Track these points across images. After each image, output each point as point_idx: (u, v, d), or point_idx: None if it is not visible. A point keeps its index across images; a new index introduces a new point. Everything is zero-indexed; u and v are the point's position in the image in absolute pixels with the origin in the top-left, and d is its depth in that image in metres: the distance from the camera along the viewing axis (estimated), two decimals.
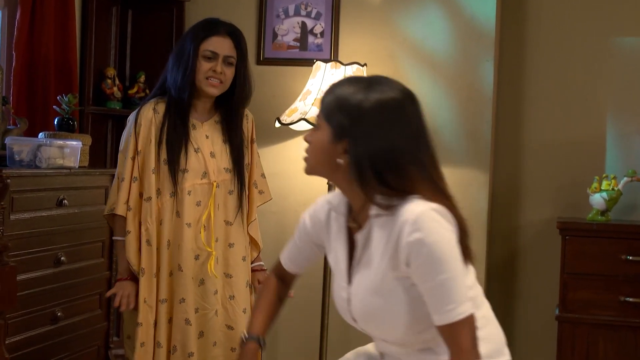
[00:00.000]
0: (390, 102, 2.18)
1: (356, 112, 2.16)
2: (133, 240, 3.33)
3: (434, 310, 2.11)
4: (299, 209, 5.10)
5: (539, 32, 5.23)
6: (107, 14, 5.08)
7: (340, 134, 2.18)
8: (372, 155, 2.14)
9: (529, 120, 5.25)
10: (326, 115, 2.21)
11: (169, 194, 3.33)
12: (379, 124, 2.16)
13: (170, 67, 3.42)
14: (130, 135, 3.34)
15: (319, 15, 5.07)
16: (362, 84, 2.20)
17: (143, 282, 3.33)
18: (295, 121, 4.63)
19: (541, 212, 5.22)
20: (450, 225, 2.14)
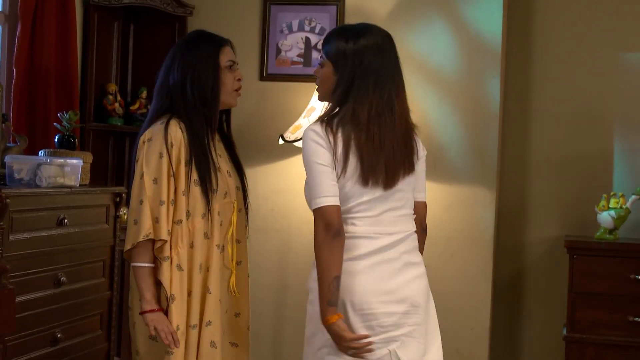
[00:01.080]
0: (371, 45, 2.91)
1: (349, 52, 2.87)
2: (169, 266, 3.18)
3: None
4: (303, 227, 5.03)
5: (545, 48, 5.18)
6: (109, 29, 5.02)
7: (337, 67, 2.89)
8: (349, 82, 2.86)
9: (535, 136, 5.20)
10: (327, 54, 2.92)
11: (200, 215, 3.19)
12: (363, 60, 2.87)
13: (184, 83, 3.19)
14: (163, 156, 3.12)
15: (323, 30, 5.01)
16: (352, 32, 2.93)
17: (174, 308, 3.13)
18: (300, 138, 4.56)
19: (548, 230, 5.15)
20: (319, 139, 2.83)
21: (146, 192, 3.09)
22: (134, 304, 3.21)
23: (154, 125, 3.18)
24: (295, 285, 5.04)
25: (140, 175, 3.12)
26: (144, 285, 3.12)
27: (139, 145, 3.18)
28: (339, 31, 3.02)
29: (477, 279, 4.78)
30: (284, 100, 5.06)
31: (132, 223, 3.11)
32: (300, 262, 5.04)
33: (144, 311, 3.11)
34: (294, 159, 5.02)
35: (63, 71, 4.45)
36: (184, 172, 3.15)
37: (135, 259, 3.13)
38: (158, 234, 3.10)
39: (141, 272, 3.13)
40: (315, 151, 2.83)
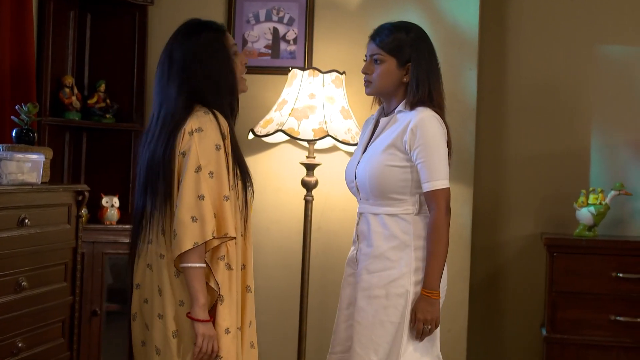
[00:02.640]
0: (428, 39, 3.28)
1: (413, 46, 3.20)
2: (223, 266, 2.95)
3: (422, 180, 3.11)
4: (271, 227, 4.82)
5: (520, 39, 5.04)
6: (65, 18, 4.73)
7: (404, 62, 3.19)
8: (429, 74, 3.20)
9: (510, 131, 5.06)
10: (389, 51, 3.19)
11: (240, 212, 2.98)
12: (429, 54, 3.23)
13: (207, 73, 2.94)
14: (220, 148, 2.88)
15: (292, 20, 4.79)
16: (403, 29, 3.25)
17: (222, 310, 2.89)
18: (272, 132, 4.36)
19: (524, 227, 5.03)
20: (444, 128, 3.17)
21: (206, 187, 2.83)
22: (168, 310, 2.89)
23: (196, 115, 2.89)
24: (263, 288, 4.81)
25: (196, 168, 2.83)
26: (199, 288, 2.83)
27: (182, 137, 2.87)
28: (392, 28, 3.24)
29: (454, 278, 4.60)
30: (252, 94, 4.78)
31: (189, 221, 2.80)
32: (270, 263, 4.82)
33: (198, 319, 2.84)
34: (262, 155, 4.80)
35: (18, 62, 4.17)
36: (232, 166, 2.93)
37: (191, 259, 2.82)
38: (224, 231, 2.85)
39: (197, 274, 2.83)
40: (443, 135, 3.14)
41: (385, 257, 3.16)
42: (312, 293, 4.63)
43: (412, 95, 3.18)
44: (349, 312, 3.30)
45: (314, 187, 4.48)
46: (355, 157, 3.34)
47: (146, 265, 2.97)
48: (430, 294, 3.10)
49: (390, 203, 3.17)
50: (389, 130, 3.21)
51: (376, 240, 3.19)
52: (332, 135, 4.30)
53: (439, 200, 3.09)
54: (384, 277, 3.14)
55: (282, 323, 4.77)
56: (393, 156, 3.15)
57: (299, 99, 4.39)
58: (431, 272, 3.10)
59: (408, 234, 3.15)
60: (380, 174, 3.15)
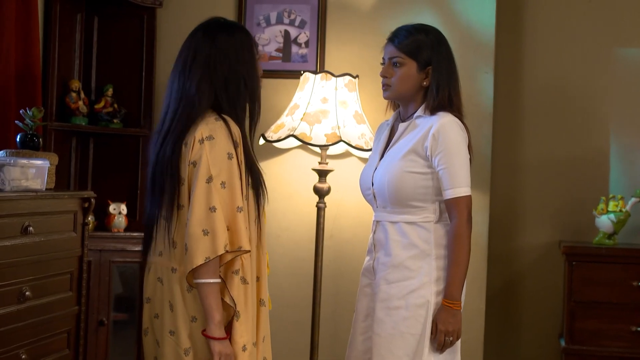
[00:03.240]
0: (446, 41, 3.16)
1: (434, 48, 3.10)
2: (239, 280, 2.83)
3: (443, 187, 3.01)
4: (282, 234, 4.71)
5: (537, 42, 4.94)
6: (71, 21, 4.63)
7: (425, 65, 3.09)
8: (449, 78, 3.10)
9: (527, 135, 4.96)
10: (409, 53, 3.09)
11: (253, 221, 2.85)
12: (448, 57, 3.14)
13: (234, 77, 2.82)
14: (233, 157, 2.74)
15: (304, 23, 4.68)
16: (422, 31, 3.14)
17: (238, 326, 2.77)
18: (283, 138, 4.25)
19: (541, 234, 4.92)
20: (465, 134, 3.06)
21: (218, 198, 2.70)
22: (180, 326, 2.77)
23: (206, 122, 2.76)
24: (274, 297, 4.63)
25: (207, 178, 2.70)
26: (214, 304, 2.70)
27: (192, 145, 2.74)
28: (412, 30, 3.15)
29: (470, 287, 4.44)
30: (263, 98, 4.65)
31: (200, 234, 2.67)
32: (281, 272, 4.71)
33: (214, 337, 2.71)
34: (274, 160, 4.69)
35: (24, 66, 4.07)
36: (244, 174, 2.80)
37: (204, 274, 2.69)
38: (238, 244, 2.72)
39: (212, 290, 2.70)
40: (464, 141, 3.05)
41: (405, 267, 3.06)
42: (325, 302, 4.52)
43: (432, 100, 3.08)
44: (366, 324, 3.19)
45: (326, 193, 4.37)
46: (372, 164, 3.23)
47: (156, 278, 2.85)
48: (452, 305, 3.01)
49: (410, 211, 3.07)
50: (409, 135, 3.11)
51: (395, 249, 3.08)
52: (346, 140, 4.18)
53: (461, 208, 3.00)
54: (403, 287, 3.04)
55: (294, 333, 4.66)
56: (413, 162, 3.05)
57: (311, 104, 4.28)
58: (453, 281, 3.01)
59: (428, 242, 3.05)
60: (399, 180, 3.05)
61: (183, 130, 2.79)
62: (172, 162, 2.78)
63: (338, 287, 4.63)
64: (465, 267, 3.02)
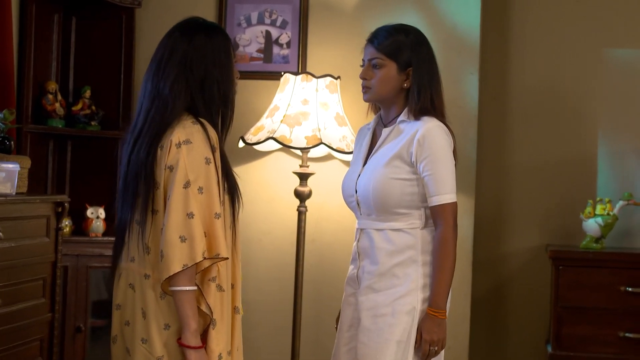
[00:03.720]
0: (427, 42, 3.08)
1: (414, 49, 3.00)
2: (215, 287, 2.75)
3: (428, 193, 2.93)
4: (264, 239, 4.62)
5: (524, 43, 4.87)
6: (49, 22, 4.54)
7: (405, 66, 2.99)
8: (431, 79, 3.01)
9: (514, 138, 4.88)
10: (389, 54, 2.99)
11: (229, 227, 2.78)
12: (429, 58, 3.04)
13: (208, 79, 2.73)
14: (211, 162, 2.66)
15: (285, 23, 4.60)
16: (402, 31, 3.04)
17: (215, 334, 2.69)
18: (263, 140, 4.16)
19: (528, 238, 4.85)
20: (451, 139, 2.99)
21: (195, 204, 2.61)
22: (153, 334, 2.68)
23: (184, 125, 2.67)
24: (255, 302, 4.61)
25: (184, 183, 2.61)
26: (190, 312, 2.62)
27: (168, 149, 2.65)
28: (391, 30, 3.06)
29: (455, 293, 4.32)
30: (243, 100, 4.62)
31: (177, 241, 2.58)
32: (262, 276, 4.62)
33: (189, 345, 2.63)
34: (255, 163, 4.60)
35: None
36: (222, 180, 2.72)
37: (180, 282, 2.60)
38: (216, 251, 2.64)
39: (189, 297, 2.62)
40: (450, 147, 2.97)
41: (392, 274, 2.97)
42: (306, 308, 4.43)
43: (414, 103, 2.98)
44: (350, 335, 3.08)
45: (307, 197, 4.28)
46: (354, 170, 3.12)
47: (128, 285, 2.76)
48: (437, 313, 2.91)
49: (396, 217, 2.98)
50: (393, 141, 3.01)
51: (381, 257, 2.99)
52: (326, 143, 4.10)
53: (447, 215, 2.92)
54: (390, 294, 2.95)
55: (275, 339, 4.57)
56: (398, 169, 2.96)
57: (292, 105, 4.19)
58: (438, 290, 2.92)
59: (414, 249, 2.96)
60: (385, 187, 2.95)
61: (158, 133, 2.69)
62: (146, 166, 2.68)
63: (320, 292, 4.54)
64: (451, 275, 2.95)
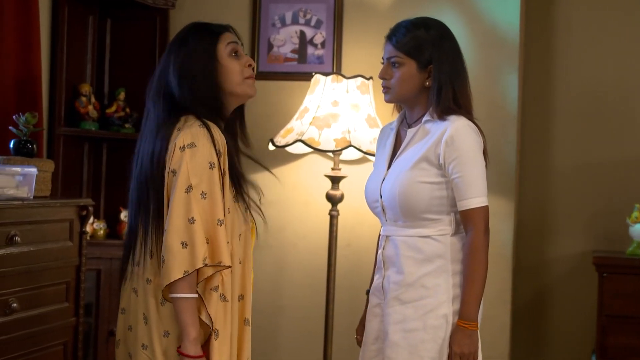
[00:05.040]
0: (451, 36, 2.90)
1: (435, 45, 2.82)
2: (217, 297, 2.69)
3: (458, 197, 2.76)
4: (299, 243, 4.54)
5: (569, 42, 4.71)
6: (83, 24, 4.54)
7: (426, 63, 2.82)
8: (453, 76, 2.83)
9: (558, 140, 4.73)
10: (408, 52, 2.83)
11: (237, 236, 2.70)
12: (453, 53, 2.85)
13: (182, 84, 2.68)
14: (215, 167, 2.60)
15: (320, 23, 4.51)
16: (422, 26, 2.87)
17: (217, 345, 2.63)
18: (291, 143, 4.08)
19: (573, 244, 4.68)
20: (481, 138, 2.81)
21: (197, 209, 2.55)
22: (154, 341, 2.63)
23: (190, 126, 2.62)
24: (291, 308, 4.54)
25: (186, 187, 2.55)
26: (190, 321, 2.56)
27: (172, 152, 2.58)
28: (410, 26, 2.89)
29: (494, 301, 4.25)
30: (277, 101, 4.56)
31: (179, 247, 2.52)
32: (297, 282, 4.54)
33: (188, 355, 2.57)
34: (288, 167, 4.52)
35: (24, 70, 3.97)
36: (228, 185, 2.65)
37: (180, 289, 2.54)
38: (218, 258, 2.57)
39: (189, 305, 2.56)
40: (480, 147, 2.81)
41: (420, 285, 2.79)
42: (340, 315, 4.33)
43: (435, 101, 2.81)
44: (377, 348, 2.91)
45: (339, 201, 4.18)
46: (378, 174, 2.95)
47: (132, 289, 2.71)
48: (468, 325, 2.73)
49: (424, 224, 2.80)
50: (419, 143, 2.83)
51: (407, 266, 2.81)
52: (356, 145, 3.99)
53: (477, 220, 2.74)
54: (419, 307, 2.77)
55: (307, 346, 4.49)
56: (425, 171, 2.78)
57: (321, 107, 4.09)
58: (469, 300, 2.73)
59: (444, 257, 2.78)
60: (412, 192, 2.77)
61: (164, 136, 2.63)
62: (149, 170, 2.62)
63: (355, 299, 4.43)
64: (482, 284, 2.76)
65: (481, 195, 2.75)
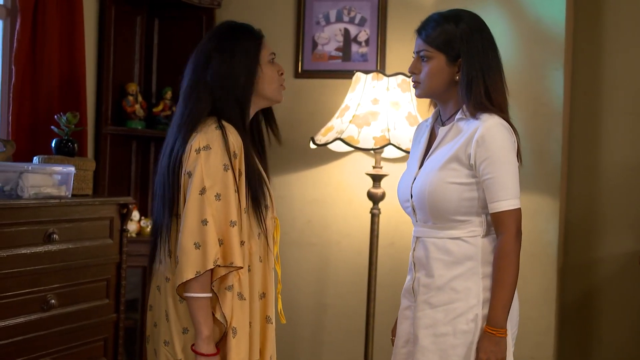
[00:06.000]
0: (484, 29, 2.76)
1: (463, 38, 2.71)
2: (232, 295, 2.72)
3: (489, 199, 2.66)
4: (342, 241, 4.53)
5: (619, 36, 4.58)
6: (131, 24, 4.60)
7: (456, 57, 2.71)
8: (485, 70, 2.71)
9: (607, 137, 4.60)
10: (437, 46, 2.73)
11: (256, 235, 2.75)
12: (484, 46, 2.72)
13: (225, 82, 2.72)
14: (229, 169, 2.65)
15: (364, 21, 4.48)
16: (453, 19, 2.75)
17: (235, 343, 2.67)
18: (331, 141, 4.07)
19: (623, 244, 4.54)
20: (514, 138, 2.71)
21: (210, 211, 2.60)
22: (174, 337, 2.69)
23: (205, 130, 2.66)
24: (335, 306, 4.54)
25: (200, 190, 2.60)
26: (203, 319, 2.62)
27: (189, 154, 2.63)
28: (440, 19, 2.78)
29: (538, 301, 4.18)
30: (322, 99, 4.56)
31: (192, 247, 2.58)
32: (341, 280, 4.54)
33: (201, 353, 2.62)
34: (331, 165, 4.52)
35: (68, 69, 4.05)
36: (244, 186, 2.68)
37: (193, 289, 2.60)
38: (230, 259, 2.61)
39: (201, 304, 2.62)
40: (512, 147, 2.71)
41: (450, 288, 2.71)
42: (382, 313, 4.30)
43: (467, 96, 2.71)
44: (407, 351, 2.84)
45: (380, 199, 4.16)
46: (410, 173, 2.84)
47: (156, 286, 2.78)
48: (495, 332, 2.63)
49: (454, 225, 2.71)
50: (451, 142, 2.74)
51: (437, 269, 2.73)
52: (395, 143, 3.96)
53: (508, 223, 2.64)
54: (449, 311, 2.69)
55: (349, 344, 4.48)
56: (455, 172, 2.69)
57: (361, 105, 4.08)
58: (497, 305, 2.63)
59: (474, 259, 2.69)
60: (441, 192, 2.68)
61: (184, 138, 2.68)
62: (169, 171, 2.69)
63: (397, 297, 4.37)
64: (512, 290, 2.65)
65: (513, 197, 2.64)
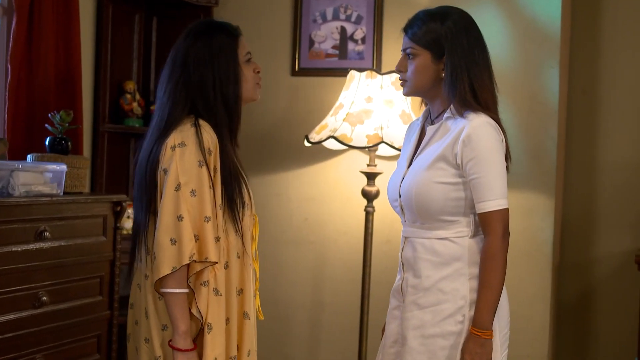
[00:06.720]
0: (471, 25, 2.75)
1: (447, 35, 2.69)
2: (208, 291, 2.74)
3: (475, 199, 2.65)
4: (340, 239, 4.54)
5: (616, 34, 4.56)
6: (128, 23, 4.62)
7: (440, 55, 2.70)
8: (470, 66, 2.69)
9: (604, 135, 4.59)
10: (422, 43, 2.72)
11: (233, 232, 2.77)
12: (469, 42, 2.71)
13: (205, 81, 2.72)
14: (203, 165, 2.67)
15: (360, 19, 4.49)
16: (439, 17, 2.73)
17: (210, 339, 2.69)
18: (324, 139, 4.07)
19: (619, 243, 4.53)
20: (502, 137, 2.69)
21: (186, 207, 2.62)
22: (154, 334, 2.71)
23: (181, 129, 2.68)
24: (331, 304, 4.55)
25: (175, 186, 2.61)
26: (180, 315, 2.63)
27: (164, 152, 2.65)
28: (425, 17, 2.77)
29: (533, 299, 4.18)
30: (319, 97, 4.57)
31: (168, 243, 2.59)
32: (337, 277, 4.55)
33: (178, 348, 2.63)
34: (328, 163, 4.53)
35: (64, 68, 4.07)
36: (219, 183, 2.70)
37: (170, 284, 2.62)
38: (205, 254, 2.63)
39: (178, 300, 2.63)
40: (499, 146, 2.68)
41: (438, 289, 2.69)
42: (377, 311, 4.30)
43: (452, 93, 2.68)
44: (395, 351, 2.82)
45: (374, 197, 4.16)
46: (399, 172, 2.84)
47: (137, 284, 2.81)
48: (481, 333, 2.61)
49: (441, 226, 2.70)
50: (439, 141, 2.72)
51: (425, 269, 2.71)
52: (388, 142, 3.96)
53: (495, 223, 2.61)
54: (437, 312, 2.68)
55: (345, 341, 4.49)
56: (442, 171, 2.67)
57: (355, 103, 4.08)
58: (483, 307, 2.62)
59: (461, 260, 2.68)
60: (427, 192, 2.68)
61: (159, 137, 2.70)
62: (145, 169, 2.72)
63: None
64: (499, 291, 2.63)
65: (500, 197, 2.62)
